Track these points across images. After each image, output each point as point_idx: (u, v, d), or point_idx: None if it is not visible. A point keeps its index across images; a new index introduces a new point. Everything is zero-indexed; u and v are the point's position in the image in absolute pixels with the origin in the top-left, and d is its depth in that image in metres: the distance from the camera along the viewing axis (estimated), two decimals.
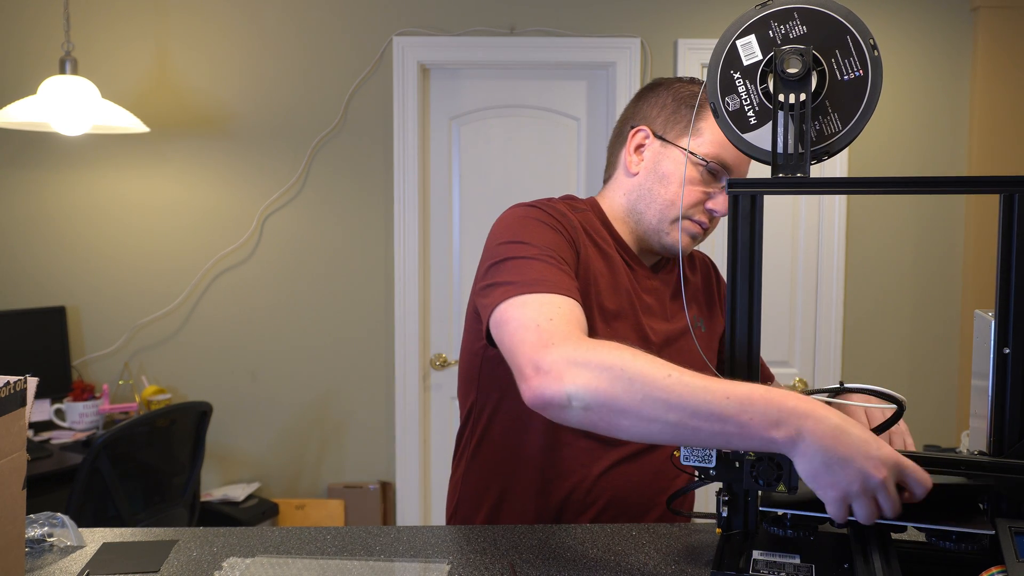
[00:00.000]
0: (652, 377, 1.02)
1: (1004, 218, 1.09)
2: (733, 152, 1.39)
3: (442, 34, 3.49)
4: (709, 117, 1.41)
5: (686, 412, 1.00)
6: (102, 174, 3.51)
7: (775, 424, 0.98)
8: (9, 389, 0.99)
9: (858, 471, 0.95)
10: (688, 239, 1.44)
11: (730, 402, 0.99)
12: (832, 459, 0.95)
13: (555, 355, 1.07)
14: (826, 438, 0.96)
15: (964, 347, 3.58)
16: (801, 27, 1.11)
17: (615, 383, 1.03)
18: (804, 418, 0.97)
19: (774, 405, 0.98)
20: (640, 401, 1.01)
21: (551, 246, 1.28)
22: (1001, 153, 3.50)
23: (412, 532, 1.30)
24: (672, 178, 1.42)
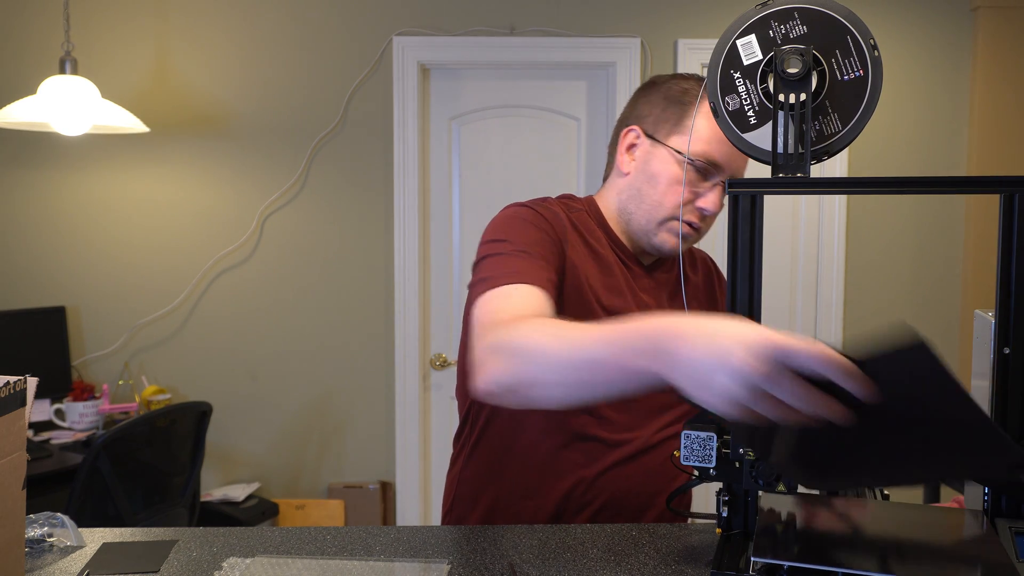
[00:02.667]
0: (543, 347, 1.03)
1: (1004, 218, 1.09)
2: (723, 150, 1.37)
3: (442, 34, 3.49)
4: (699, 114, 1.39)
5: (576, 367, 1.00)
6: (102, 174, 3.51)
7: (647, 355, 0.93)
8: (9, 389, 0.99)
9: (731, 375, 0.83)
10: (678, 239, 1.42)
11: (605, 345, 0.97)
12: (706, 371, 0.86)
13: (482, 347, 1.10)
14: (696, 352, 0.87)
15: (964, 347, 3.58)
16: (801, 27, 1.11)
17: (518, 363, 1.05)
18: (673, 339, 0.90)
19: (642, 336, 0.94)
20: (541, 373, 1.03)
21: (530, 242, 1.30)
22: (1001, 153, 3.50)
23: (412, 532, 1.30)
24: (660, 178, 1.40)
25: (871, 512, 1.20)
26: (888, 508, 1.22)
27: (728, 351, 0.84)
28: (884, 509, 1.21)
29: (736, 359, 0.83)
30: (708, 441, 1.12)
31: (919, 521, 1.19)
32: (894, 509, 1.21)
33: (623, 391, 0.99)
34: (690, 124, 1.39)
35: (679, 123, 1.40)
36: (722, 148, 1.37)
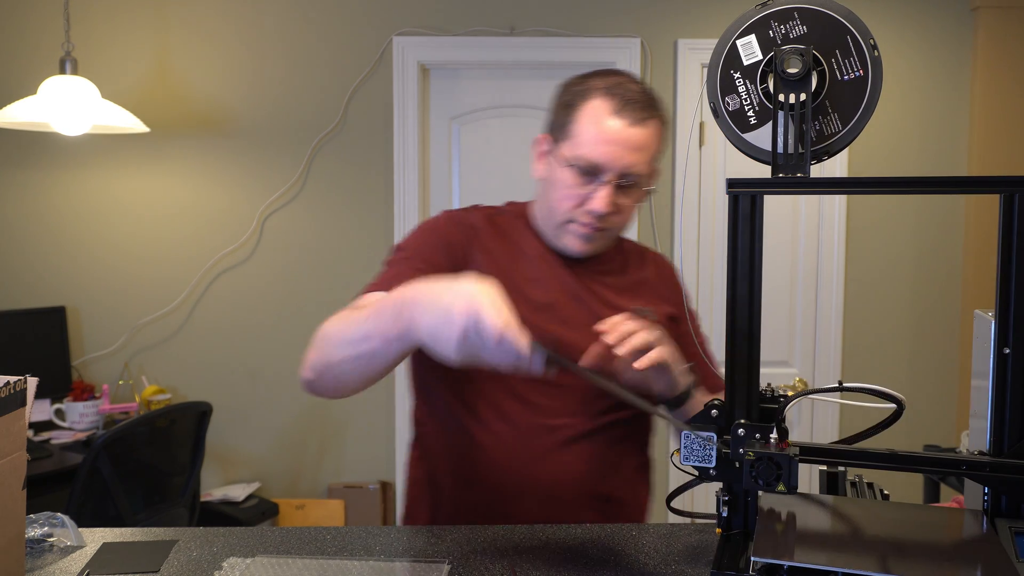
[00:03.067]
0: (334, 331, 1.20)
1: (1004, 218, 1.09)
2: (605, 151, 1.36)
3: (442, 34, 3.49)
4: (584, 115, 1.39)
5: (354, 344, 1.16)
6: (102, 174, 3.51)
7: (396, 319, 1.10)
8: (9, 389, 0.99)
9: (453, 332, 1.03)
10: (580, 241, 1.43)
11: (370, 320, 1.14)
12: (436, 331, 1.05)
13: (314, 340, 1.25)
14: (427, 316, 1.06)
15: (964, 347, 3.58)
16: (801, 27, 1.11)
17: (319, 349, 1.21)
18: (411, 306, 1.08)
19: (392, 305, 1.12)
20: (330, 353, 1.19)
21: (422, 248, 1.41)
22: (1001, 153, 3.50)
23: (412, 532, 1.30)
24: (555, 183, 1.42)
25: (871, 512, 1.21)
26: (888, 508, 1.22)
27: (449, 314, 1.03)
28: (884, 509, 1.22)
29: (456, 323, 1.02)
30: (708, 441, 1.12)
31: (919, 521, 1.19)
32: (894, 509, 1.21)
33: (393, 357, 1.15)
34: (574, 127, 1.39)
35: (566, 128, 1.41)
36: (604, 148, 1.36)
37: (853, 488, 1.28)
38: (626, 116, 1.36)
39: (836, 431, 3.63)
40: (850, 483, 1.29)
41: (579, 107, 1.40)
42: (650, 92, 1.42)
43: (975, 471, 1.11)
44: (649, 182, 1.44)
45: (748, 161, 1.17)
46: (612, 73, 1.44)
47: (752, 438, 1.11)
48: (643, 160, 1.39)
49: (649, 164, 1.41)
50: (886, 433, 1.16)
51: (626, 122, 1.36)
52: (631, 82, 1.42)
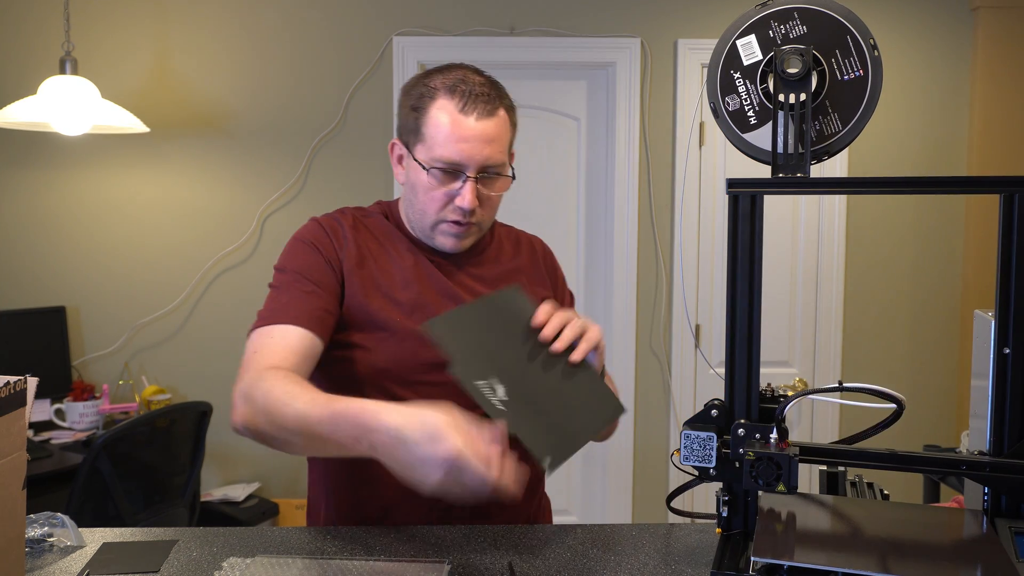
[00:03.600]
0: (278, 411, 1.18)
1: (1004, 218, 1.09)
2: (460, 147, 1.37)
3: (442, 34, 3.49)
4: (432, 117, 1.39)
5: (304, 435, 1.17)
6: (102, 174, 3.51)
7: (356, 440, 1.10)
8: (9, 389, 0.99)
9: (423, 475, 1.03)
10: (452, 239, 1.43)
11: (324, 425, 1.13)
12: (402, 466, 1.06)
13: (238, 389, 1.25)
14: (389, 448, 1.06)
15: (964, 347, 3.58)
16: (801, 27, 1.11)
17: (258, 416, 1.21)
18: (371, 432, 1.08)
19: (351, 422, 1.10)
20: (276, 430, 1.19)
21: (303, 269, 1.41)
22: (1001, 153, 3.50)
23: (412, 532, 1.30)
24: (418, 187, 1.42)
25: (871, 512, 1.21)
26: (888, 508, 1.22)
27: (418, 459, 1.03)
28: (884, 509, 1.22)
29: (424, 468, 1.03)
30: (708, 441, 1.12)
31: (919, 521, 1.19)
32: (894, 509, 1.21)
33: (346, 455, 1.14)
34: (427, 131, 1.39)
35: (418, 131, 1.41)
36: (459, 146, 1.37)
37: (853, 488, 1.28)
38: (474, 110, 1.37)
39: (836, 431, 3.63)
40: (850, 483, 1.29)
41: (426, 109, 1.40)
42: (492, 81, 1.43)
43: (975, 471, 1.11)
44: (508, 170, 1.45)
45: (748, 161, 1.17)
46: (453, 68, 1.43)
47: (752, 438, 1.11)
48: (498, 150, 1.40)
49: (505, 153, 1.42)
50: (886, 433, 1.16)
51: (475, 116, 1.37)
52: (473, 74, 1.42)
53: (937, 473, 1.19)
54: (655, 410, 3.62)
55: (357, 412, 1.10)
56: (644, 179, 3.56)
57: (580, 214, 3.63)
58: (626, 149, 3.52)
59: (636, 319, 3.58)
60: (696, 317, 3.64)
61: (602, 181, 3.61)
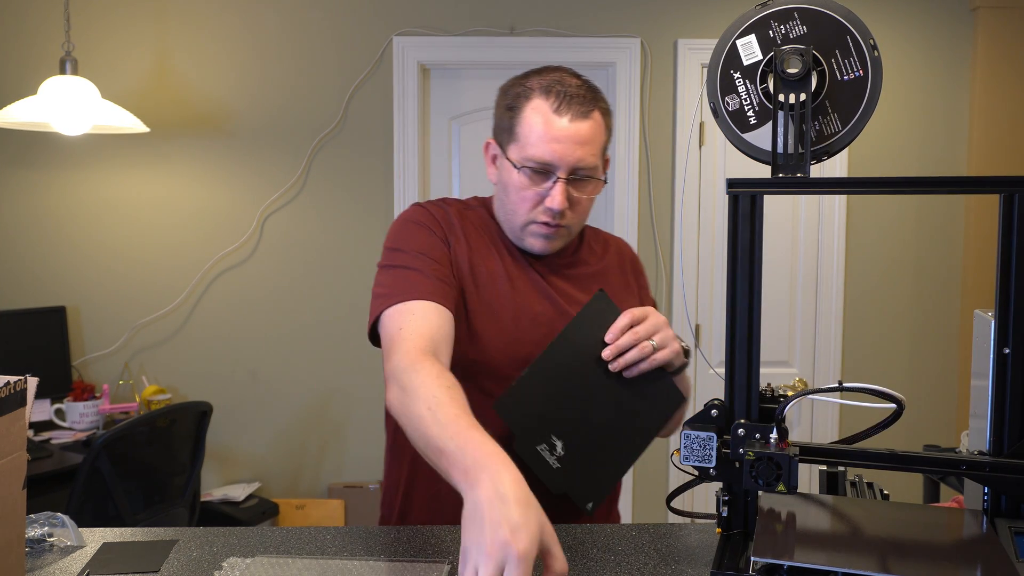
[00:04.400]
0: (415, 408, 1.18)
1: (1004, 218, 1.09)
2: (552, 148, 1.38)
3: (442, 34, 3.49)
4: (527, 116, 1.40)
5: (427, 441, 1.15)
6: (102, 174, 3.51)
7: (465, 471, 1.06)
8: (9, 389, 0.99)
9: (498, 537, 0.95)
10: (542, 241, 1.44)
11: (449, 443, 1.11)
12: (482, 517, 0.98)
13: (390, 368, 1.27)
14: (487, 496, 1.00)
15: (964, 347, 3.58)
16: (801, 27, 1.11)
17: (401, 404, 1.22)
18: (483, 471, 1.03)
19: (471, 455, 1.07)
20: (407, 423, 1.20)
21: (423, 249, 1.40)
22: (1001, 153, 3.50)
23: (412, 532, 1.30)
24: (509, 187, 1.43)
25: (871, 512, 1.21)
26: (888, 508, 1.22)
27: (509, 523, 0.96)
28: (884, 509, 1.22)
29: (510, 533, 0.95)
30: (708, 441, 1.12)
31: (919, 521, 1.19)
32: (894, 509, 1.21)
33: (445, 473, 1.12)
34: (521, 131, 1.41)
35: (512, 130, 1.43)
36: (551, 146, 1.38)
37: (853, 488, 1.28)
38: (568, 112, 1.38)
39: (836, 431, 3.63)
40: (850, 483, 1.29)
41: (521, 109, 1.41)
42: (589, 84, 1.44)
43: (975, 471, 1.11)
44: (601, 173, 1.45)
45: (748, 161, 1.17)
46: (550, 70, 1.45)
47: (752, 438, 1.11)
48: (591, 152, 1.40)
49: (598, 156, 1.43)
50: (886, 433, 1.16)
51: (569, 117, 1.38)
52: (570, 76, 1.43)
53: (937, 473, 1.19)
54: None
55: (485, 449, 1.08)
56: (644, 179, 3.56)
57: None
58: (626, 149, 3.52)
59: None
60: (696, 317, 3.64)
61: None
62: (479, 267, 1.44)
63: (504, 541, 0.94)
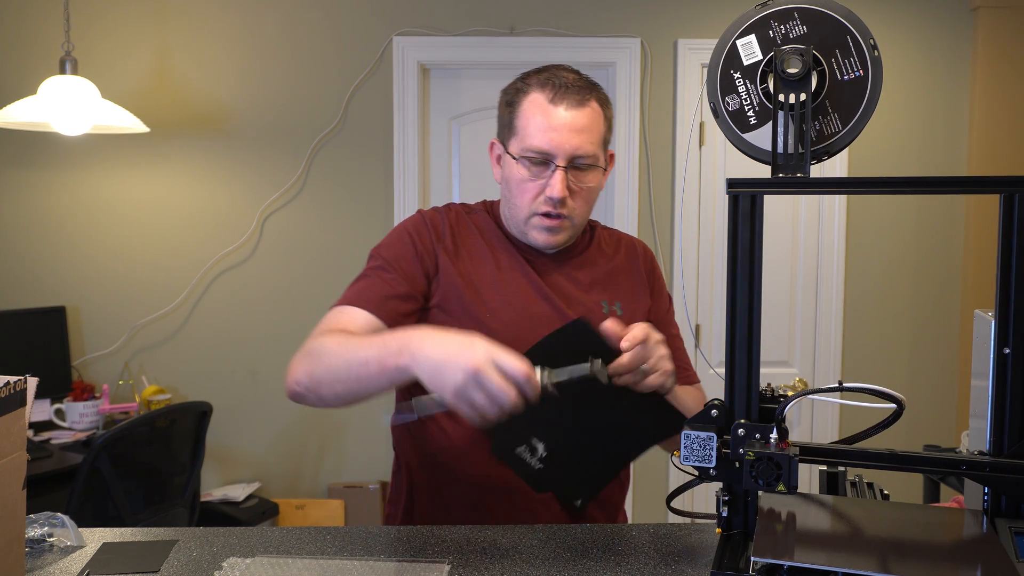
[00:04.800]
0: (330, 350, 1.27)
1: (1004, 218, 1.09)
2: (548, 136, 1.39)
3: (442, 34, 3.49)
4: (524, 109, 1.43)
5: (350, 366, 1.23)
6: (102, 174, 3.51)
7: (398, 353, 1.18)
8: (9, 389, 0.99)
9: (456, 367, 1.10)
10: (545, 234, 1.44)
11: (372, 348, 1.22)
12: (437, 365, 1.12)
13: (296, 355, 1.33)
14: (428, 349, 1.14)
15: (964, 347, 3.58)
16: (801, 27, 1.11)
17: (312, 363, 1.28)
18: (415, 342, 1.16)
19: (397, 340, 1.20)
20: (325, 372, 1.26)
21: (392, 258, 1.46)
22: (1001, 153, 3.50)
23: (412, 532, 1.30)
24: (512, 182, 1.46)
25: (871, 512, 1.21)
26: (888, 508, 1.22)
27: (460, 353, 1.11)
28: (884, 509, 1.22)
29: (460, 358, 1.10)
30: (708, 441, 1.12)
31: (919, 521, 1.19)
32: (894, 509, 1.21)
33: (387, 385, 1.23)
34: (519, 123, 1.43)
35: (512, 125, 1.45)
36: (548, 135, 1.39)
37: (853, 488, 1.28)
38: (564, 101, 1.40)
39: (836, 431, 3.63)
40: (850, 483, 1.29)
41: (519, 103, 1.44)
42: (585, 77, 1.46)
43: (975, 471, 1.11)
44: (602, 163, 1.46)
45: (748, 161, 1.17)
46: (548, 67, 1.48)
47: (752, 438, 1.11)
48: (589, 141, 1.41)
49: (596, 144, 1.43)
50: (886, 433, 1.16)
51: (564, 106, 1.40)
52: (565, 71, 1.46)
53: (937, 473, 1.19)
54: None
55: (408, 332, 1.20)
56: (644, 179, 3.56)
57: None
58: (626, 149, 3.52)
59: None
60: (696, 317, 3.64)
61: None
62: (471, 268, 1.46)
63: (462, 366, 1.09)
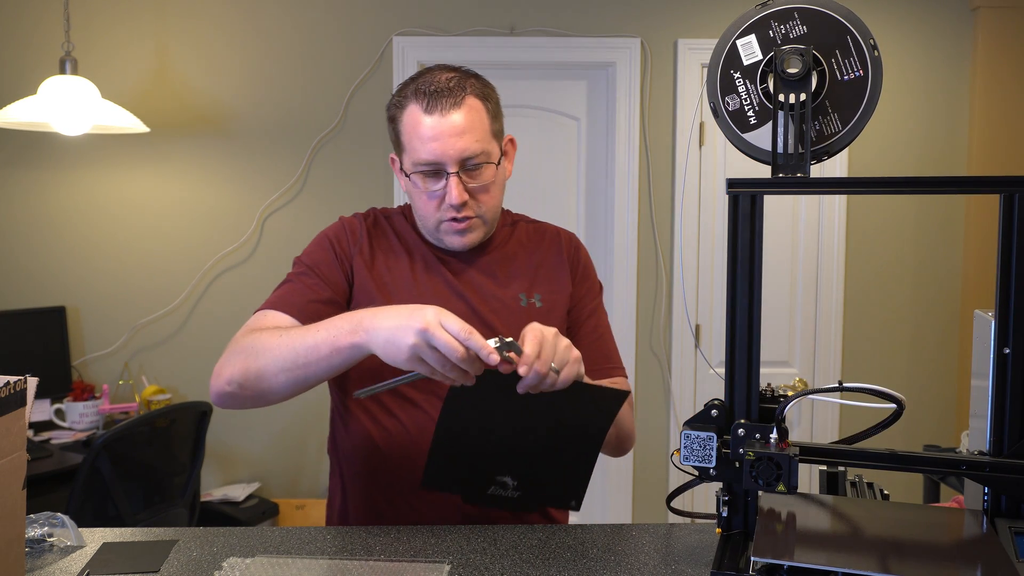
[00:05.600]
0: (268, 343, 1.27)
1: (1004, 218, 1.09)
2: (431, 146, 1.38)
3: (442, 34, 3.49)
4: (405, 125, 1.42)
5: (296, 353, 1.24)
6: (102, 174, 3.51)
7: (351, 332, 1.20)
8: (9, 389, 0.99)
9: (406, 329, 1.13)
10: (458, 237, 1.45)
11: (320, 333, 1.23)
12: (388, 332, 1.15)
13: (221, 359, 1.33)
14: (380, 321, 1.17)
15: (964, 347, 3.58)
16: (801, 27, 1.11)
17: (248, 359, 1.28)
18: (367, 319, 1.19)
19: (347, 321, 1.22)
20: (265, 364, 1.26)
21: (313, 264, 1.48)
22: (1001, 153, 3.50)
23: (412, 532, 1.30)
24: (412, 195, 1.46)
25: (871, 512, 1.21)
26: (888, 508, 1.22)
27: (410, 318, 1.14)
28: (884, 509, 1.22)
29: (408, 322, 1.13)
30: (708, 441, 1.12)
31: (919, 521, 1.19)
32: (894, 509, 1.21)
33: (337, 367, 1.24)
34: (404, 139, 1.43)
35: (399, 141, 1.46)
36: (430, 145, 1.39)
37: (853, 488, 1.28)
38: (438, 108, 1.39)
39: (836, 431, 3.63)
40: (850, 483, 1.29)
41: (400, 119, 1.44)
42: (463, 74, 1.44)
43: (975, 471, 1.11)
44: (495, 157, 1.44)
45: (748, 161, 1.17)
46: (423, 72, 1.47)
47: (752, 438, 1.11)
48: (474, 140, 1.40)
49: (483, 140, 1.42)
50: (886, 433, 1.16)
51: (439, 113, 1.39)
52: (439, 72, 1.44)
53: (937, 473, 1.19)
54: (655, 410, 3.62)
55: (360, 312, 1.22)
56: (644, 179, 3.56)
57: (580, 214, 3.63)
58: (626, 149, 3.52)
59: (636, 319, 3.58)
60: (696, 317, 3.64)
61: (602, 181, 3.61)
62: (384, 272, 1.47)
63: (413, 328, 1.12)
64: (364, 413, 1.46)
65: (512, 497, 1.32)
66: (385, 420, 1.45)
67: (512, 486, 1.32)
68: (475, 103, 1.42)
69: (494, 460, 1.31)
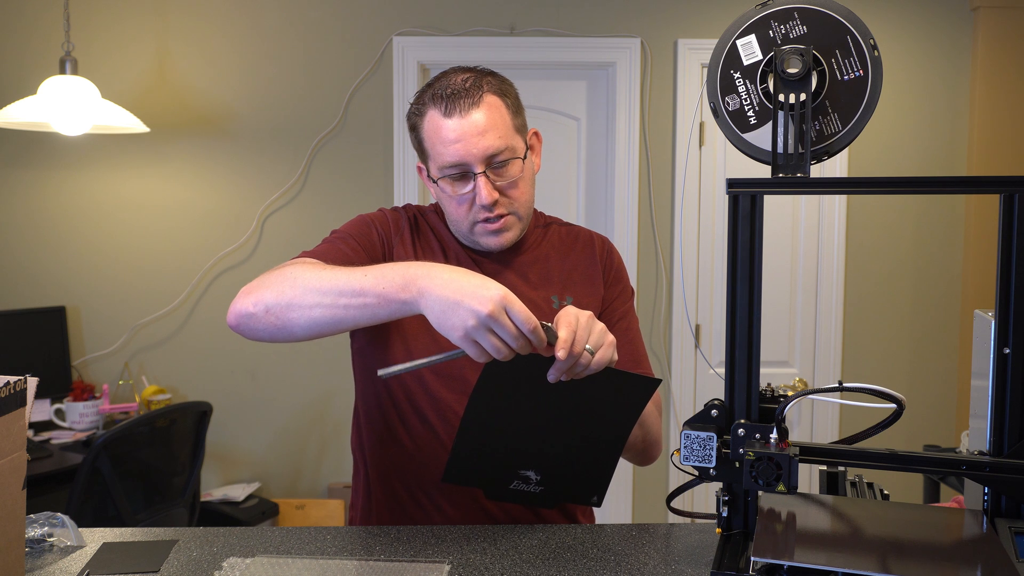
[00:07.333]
0: (311, 275, 1.22)
1: (1004, 218, 1.09)
2: (455, 148, 1.38)
3: (442, 34, 3.49)
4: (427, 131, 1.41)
5: (335, 293, 1.19)
6: (102, 174, 3.51)
7: (402, 288, 1.14)
8: (9, 389, 0.99)
9: (468, 309, 1.07)
10: (492, 237, 1.44)
11: (368, 278, 1.18)
12: (447, 304, 1.09)
13: (253, 282, 1.27)
14: (439, 287, 1.11)
15: (964, 347, 3.58)
16: (801, 27, 1.11)
17: (284, 285, 1.22)
18: (422, 278, 1.13)
19: (400, 273, 1.16)
20: (302, 294, 1.20)
21: (352, 232, 1.46)
22: (1001, 153, 3.50)
23: (412, 532, 1.30)
24: (443, 200, 1.46)
25: (871, 512, 1.21)
26: (888, 508, 1.22)
27: (468, 293, 1.09)
28: (884, 509, 1.22)
29: (474, 300, 1.08)
30: (708, 441, 1.12)
31: (919, 521, 1.19)
32: (894, 509, 1.21)
33: (380, 318, 1.18)
34: (427, 146, 1.43)
35: (422, 148, 1.45)
36: (453, 147, 1.38)
37: (853, 488, 1.28)
38: (457, 110, 1.38)
39: (836, 431, 3.64)
40: (850, 483, 1.29)
41: (421, 126, 1.43)
42: (479, 73, 1.43)
43: (975, 471, 1.11)
44: (520, 151, 1.44)
45: (748, 161, 1.17)
46: (439, 76, 1.45)
47: (752, 438, 1.11)
48: (497, 137, 1.39)
49: (506, 136, 1.41)
50: (886, 433, 1.16)
51: (459, 115, 1.38)
52: (455, 74, 1.43)
53: (937, 473, 1.19)
54: None
55: (408, 265, 1.17)
56: (644, 179, 3.56)
57: (580, 214, 3.63)
58: (626, 149, 3.53)
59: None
60: (696, 317, 3.64)
61: (602, 181, 3.61)
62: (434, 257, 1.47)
63: (475, 311, 1.07)
64: (393, 409, 1.45)
65: (535, 492, 1.32)
66: (411, 417, 1.44)
67: (535, 480, 1.31)
68: (494, 100, 1.41)
69: (518, 453, 1.30)
